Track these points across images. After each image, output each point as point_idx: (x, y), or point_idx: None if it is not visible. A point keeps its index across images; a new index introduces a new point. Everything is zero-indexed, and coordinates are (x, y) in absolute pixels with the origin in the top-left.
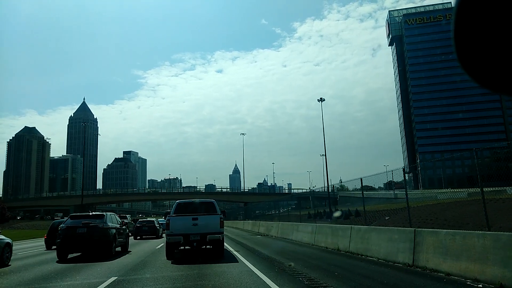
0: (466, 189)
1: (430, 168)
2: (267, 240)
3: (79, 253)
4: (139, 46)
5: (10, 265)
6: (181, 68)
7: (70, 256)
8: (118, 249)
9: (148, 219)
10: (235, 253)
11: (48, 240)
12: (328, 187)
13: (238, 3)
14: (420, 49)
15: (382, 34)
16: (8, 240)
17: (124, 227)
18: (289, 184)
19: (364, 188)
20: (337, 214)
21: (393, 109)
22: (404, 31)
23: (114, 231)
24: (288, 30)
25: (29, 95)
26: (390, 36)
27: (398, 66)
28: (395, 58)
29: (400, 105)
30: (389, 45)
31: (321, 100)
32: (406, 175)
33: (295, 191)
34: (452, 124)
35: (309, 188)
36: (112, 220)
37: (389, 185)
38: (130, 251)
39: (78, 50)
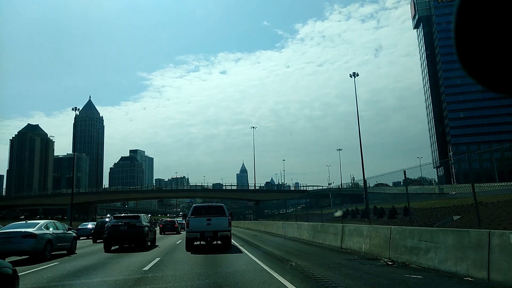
0: None
1: (465, 161)
2: None
3: (117, 246)
4: (143, 48)
5: (76, 253)
6: (185, 69)
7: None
8: (148, 243)
9: (170, 219)
10: None
11: (94, 236)
12: (364, 181)
13: (240, 5)
14: (451, 29)
15: (384, 35)
16: (74, 234)
17: (153, 225)
18: (297, 183)
19: (379, 185)
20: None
21: (399, 108)
22: (434, 10)
23: (146, 229)
24: (290, 31)
25: (36, 97)
26: (416, 16)
27: (426, 50)
28: (422, 41)
29: (429, 92)
30: (414, 28)
31: (354, 75)
32: (435, 170)
33: (305, 189)
34: (490, 112)
35: (328, 184)
36: (145, 220)
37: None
38: (158, 245)
39: (84, 52)
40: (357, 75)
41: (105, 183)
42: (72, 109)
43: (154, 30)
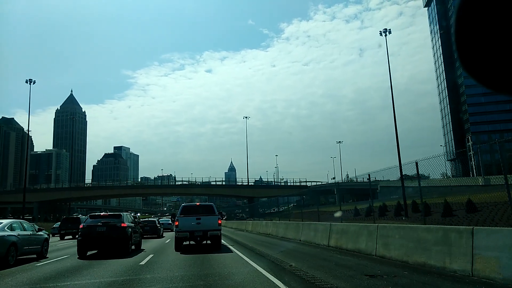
0: None
1: (487, 152)
2: None
3: (96, 251)
4: (127, 46)
5: (47, 257)
6: (170, 68)
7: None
8: (132, 247)
9: (150, 219)
10: None
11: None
12: (401, 170)
13: (224, 4)
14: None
15: (368, 35)
16: (46, 236)
17: (138, 226)
18: (286, 181)
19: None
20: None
21: (384, 107)
22: None
23: (130, 230)
24: (276, 30)
25: (18, 95)
26: None
27: (440, 29)
28: (435, 19)
29: (443, 75)
30: (424, 6)
31: (386, 32)
32: (449, 162)
33: (305, 184)
34: None
35: (332, 178)
36: (128, 219)
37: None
38: (144, 249)
39: (68, 50)
40: (390, 32)
41: (88, 181)
42: (26, 82)
43: (138, 28)
